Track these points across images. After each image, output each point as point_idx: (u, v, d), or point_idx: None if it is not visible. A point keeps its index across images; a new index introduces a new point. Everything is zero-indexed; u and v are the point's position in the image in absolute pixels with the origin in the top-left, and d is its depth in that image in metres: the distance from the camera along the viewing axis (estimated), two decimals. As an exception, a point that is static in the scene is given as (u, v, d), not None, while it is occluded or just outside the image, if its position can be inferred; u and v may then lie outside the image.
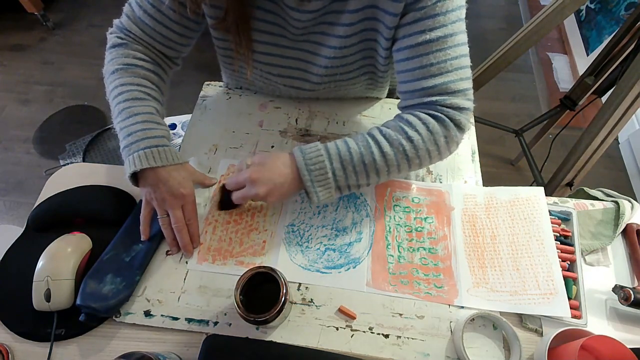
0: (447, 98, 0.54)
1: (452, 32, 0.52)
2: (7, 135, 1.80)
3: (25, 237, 0.63)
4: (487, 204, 0.65)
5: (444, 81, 0.54)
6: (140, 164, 0.56)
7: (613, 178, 1.70)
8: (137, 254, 0.59)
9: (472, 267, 0.60)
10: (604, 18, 1.82)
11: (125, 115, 0.58)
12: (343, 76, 0.68)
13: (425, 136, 0.55)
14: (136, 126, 0.58)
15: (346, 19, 0.56)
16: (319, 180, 0.54)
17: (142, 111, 0.59)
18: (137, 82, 0.61)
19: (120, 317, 0.55)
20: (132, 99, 0.59)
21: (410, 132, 0.55)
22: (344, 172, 0.55)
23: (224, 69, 0.78)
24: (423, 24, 0.52)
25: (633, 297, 0.53)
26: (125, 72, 0.61)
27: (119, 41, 0.63)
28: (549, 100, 1.88)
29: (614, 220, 0.63)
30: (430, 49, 0.53)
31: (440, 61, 0.53)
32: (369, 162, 0.55)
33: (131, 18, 0.62)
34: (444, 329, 0.55)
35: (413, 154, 0.55)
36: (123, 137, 0.58)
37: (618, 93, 0.88)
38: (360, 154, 0.54)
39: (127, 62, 0.61)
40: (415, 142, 0.54)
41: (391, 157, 0.55)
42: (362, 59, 0.65)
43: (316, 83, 0.70)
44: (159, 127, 0.60)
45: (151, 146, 0.57)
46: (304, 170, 0.54)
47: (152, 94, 0.63)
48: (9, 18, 2.20)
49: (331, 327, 0.55)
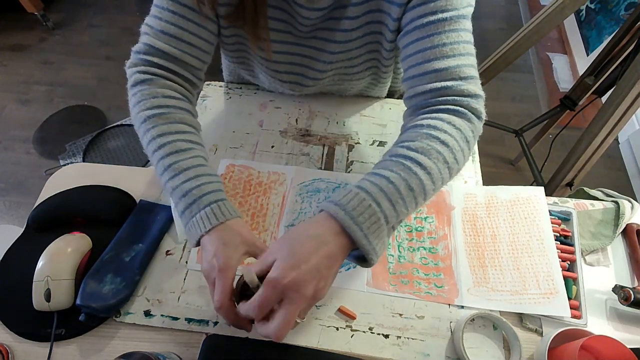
0: (461, 84, 0.50)
1: (464, 15, 0.50)
2: (7, 135, 1.80)
3: (25, 237, 0.63)
4: (487, 203, 0.65)
5: (457, 64, 0.49)
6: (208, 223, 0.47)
7: (613, 178, 1.70)
8: (137, 254, 0.59)
9: (472, 267, 0.60)
10: (604, 18, 1.82)
11: (174, 173, 0.50)
12: (347, 70, 0.68)
13: (457, 136, 0.48)
14: (188, 184, 0.49)
15: (351, 12, 0.56)
16: (374, 231, 0.43)
17: (191, 165, 0.51)
18: (175, 129, 0.52)
19: (120, 317, 0.55)
20: (176, 152, 0.51)
21: (442, 136, 0.47)
22: (394, 209, 0.44)
23: (229, 63, 0.77)
24: (434, 5, 0.49)
25: (633, 297, 0.53)
26: (160, 119, 0.52)
27: (142, 77, 0.54)
28: (549, 100, 1.88)
29: (614, 220, 0.63)
30: (443, 28, 0.49)
31: (453, 42, 0.49)
32: (417, 186, 0.45)
33: (151, 35, 0.54)
34: (444, 329, 0.55)
35: (452, 160, 0.48)
36: (178, 198, 0.50)
37: (618, 93, 0.88)
38: (404, 180, 0.45)
39: (158, 104, 0.53)
40: (451, 145, 0.47)
41: (435, 170, 0.46)
42: (367, 53, 0.64)
43: (315, 79, 0.70)
44: (212, 179, 0.51)
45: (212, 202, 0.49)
46: (354, 227, 0.42)
47: (193, 140, 0.53)
48: (9, 18, 2.20)
49: (331, 327, 0.55)
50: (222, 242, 0.46)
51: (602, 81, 1.13)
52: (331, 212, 0.43)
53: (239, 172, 0.70)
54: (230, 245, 0.47)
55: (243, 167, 0.70)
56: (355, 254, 0.46)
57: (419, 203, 0.47)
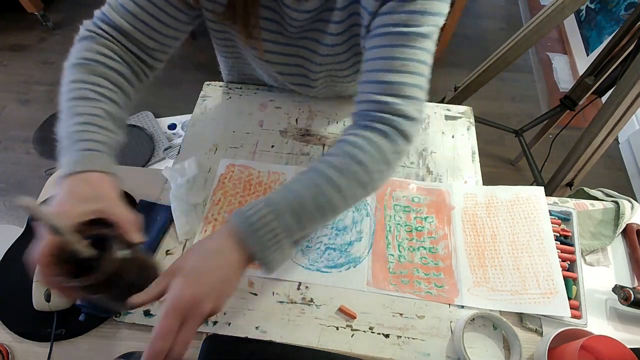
0: (399, 102, 0.49)
1: (424, 34, 0.49)
2: (7, 135, 1.80)
3: (25, 237, 0.63)
4: (487, 203, 0.65)
5: (402, 81, 0.49)
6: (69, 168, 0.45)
7: (613, 178, 1.70)
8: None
9: (472, 267, 0.60)
10: (604, 18, 1.83)
11: (67, 116, 0.49)
12: (337, 73, 0.68)
13: (376, 156, 0.49)
14: (75, 127, 0.48)
15: (336, 16, 0.56)
16: (273, 244, 0.44)
17: (86, 112, 0.49)
18: (91, 80, 0.52)
19: (120, 317, 0.55)
20: (80, 98, 0.50)
21: (360, 155, 0.48)
22: (298, 224, 0.45)
23: (226, 59, 0.78)
24: (398, 17, 0.48)
25: (633, 297, 0.53)
26: (81, 68, 0.52)
27: (86, 34, 0.55)
28: (549, 100, 1.88)
29: (614, 220, 0.63)
30: (399, 41, 0.49)
31: (404, 58, 0.49)
32: (325, 203, 0.47)
33: (112, 5, 0.55)
34: (444, 329, 0.55)
35: (367, 179, 0.49)
36: (61, 140, 0.48)
37: (618, 93, 0.88)
38: (314, 198, 0.46)
39: (88, 56, 0.53)
40: (367, 165, 0.48)
41: (346, 189, 0.47)
42: (354, 56, 0.64)
43: (314, 80, 0.70)
44: (101, 131, 0.49)
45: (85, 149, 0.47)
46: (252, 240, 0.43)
47: (107, 95, 0.52)
48: (9, 18, 2.20)
49: (331, 326, 0.55)
50: (69, 192, 0.44)
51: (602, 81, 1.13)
52: (234, 224, 0.44)
53: (239, 171, 0.70)
54: (76, 197, 0.43)
55: (243, 166, 0.70)
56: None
57: (329, 218, 0.48)
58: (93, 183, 0.45)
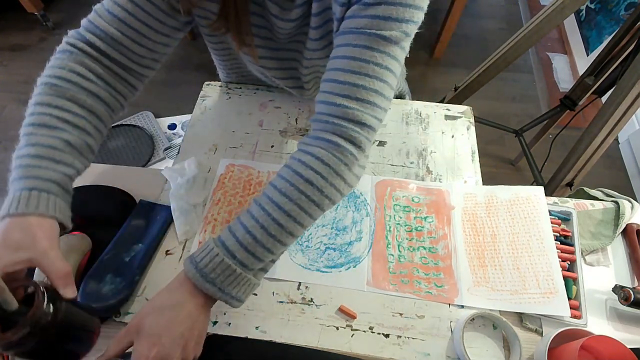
0: (353, 107, 0.47)
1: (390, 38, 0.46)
2: (7, 135, 1.80)
3: (25, 236, 0.62)
4: (487, 202, 0.65)
5: (357, 83, 0.47)
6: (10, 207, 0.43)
7: (613, 178, 1.70)
8: (137, 254, 0.59)
9: (472, 266, 0.60)
10: (604, 18, 1.83)
11: (22, 143, 0.47)
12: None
13: (325, 172, 0.47)
14: (24, 160, 0.46)
15: (314, 22, 0.56)
16: (230, 282, 0.45)
17: (41, 142, 0.46)
18: (57, 103, 0.48)
19: (120, 317, 0.55)
20: (38, 125, 0.47)
21: (307, 173, 0.47)
22: (253, 257, 0.45)
23: (224, 62, 0.78)
24: (360, 20, 0.47)
25: (633, 297, 0.53)
26: (50, 89, 0.49)
27: (65, 47, 0.52)
28: (549, 100, 1.88)
29: (614, 220, 0.63)
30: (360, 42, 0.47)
31: (364, 59, 0.47)
32: (276, 231, 0.46)
33: (98, 12, 0.53)
34: (444, 329, 0.55)
35: (319, 196, 0.47)
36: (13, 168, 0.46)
37: (618, 93, 0.88)
38: (263, 229, 0.45)
39: (58, 74, 0.50)
40: (316, 183, 0.47)
41: (297, 211, 0.46)
42: None
43: (306, 82, 0.71)
44: (53, 165, 0.46)
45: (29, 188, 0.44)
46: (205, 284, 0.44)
47: (71, 121, 0.49)
48: (9, 18, 2.20)
49: (331, 326, 0.55)
50: (3, 236, 0.42)
51: (602, 81, 1.13)
52: (186, 272, 0.45)
53: (239, 171, 0.70)
54: (7, 244, 0.41)
55: (243, 166, 0.70)
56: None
57: (287, 242, 0.48)
58: (28, 229, 0.42)
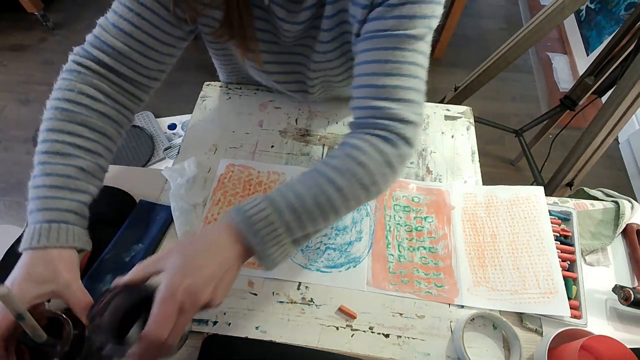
0: (393, 106, 0.48)
1: (416, 35, 0.48)
2: (7, 135, 1.80)
3: (25, 236, 0.62)
4: (487, 202, 0.65)
5: (396, 84, 0.48)
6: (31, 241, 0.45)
7: (613, 178, 1.70)
8: (137, 254, 0.59)
9: (472, 266, 0.60)
10: (604, 18, 1.83)
11: (37, 172, 0.48)
12: (332, 78, 0.69)
13: (378, 159, 0.48)
14: (42, 191, 0.47)
15: (325, 25, 0.56)
16: (271, 239, 0.44)
17: (57, 172, 0.48)
18: (68, 129, 0.49)
19: (120, 316, 0.55)
20: (53, 153, 0.48)
21: (362, 157, 0.48)
22: (298, 222, 0.45)
23: (224, 66, 0.78)
24: (386, 22, 0.48)
25: (633, 297, 0.53)
26: (60, 114, 0.50)
27: (72, 67, 0.53)
28: (549, 100, 1.88)
29: (614, 220, 0.63)
30: (391, 44, 0.48)
31: (397, 61, 0.48)
32: (325, 202, 0.46)
33: (103, 26, 0.53)
34: (444, 329, 0.55)
35: (369, 181, 0.48)
36: (30, 199, 0.47)
37: (618, 93, 0.88)
38: (314, 196, 0.45)
39: (69, 98, 0.51)
40: (368, 167, 0.47)
41: (348, 190, 0.47)
42: (346, 62, 0.64)
43: (312, 86, 0.71)
44: (70, 195, 0.48)
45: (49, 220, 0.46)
46: (250, 234, 0.43)
47: (83, 146, 0.50)
48: (9, 18, 2.20)
49: (331, 326, 0.55)
50: (26, 272, 0.43)
51: (602, 81, 1.13)
52: (232, 218, 0.44)
53: (239, 171, 0.70)
54: (31, 278, 0.43)
55: (243, 167, 0.70)
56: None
57: (330, 219, 0.47)
58: (50, 262, 0.44)
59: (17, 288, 0.42)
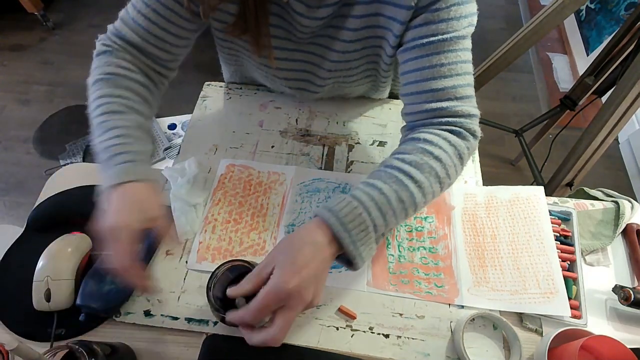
0: (457, 104, 0.51)
1: (464, 35, 0.51)
2: (7, 135, 1.80)
3: (25, 237, 0.63)
4: (487, 203, 0.65)
5: (454, 84, 0.51)
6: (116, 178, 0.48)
7: (613, 178, 1.70)
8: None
9: (472, 267, 0.60)
10: (604, 18, 1.82)
11: (101, 130, 0.52)
12: (345, 79, 0.69)
13: (451, 152, 0.50)
14: (111, 141, 0.50)
15: (351, 24, 0.56)
16: (361, 238, 0.45)
17: (118, 125, 0.52)
18: (117, 93, 0.54)
19: (120, 317, 0.55)
20: (110, 112, 0.53)
21: (436, 151, 0.49)
22: (384, 219, 0.46)
23: (228, 65, 0.78)
24: (436, 27, 0.50)
25: (633, 297, 0.53)
26: (106, 83, 0.55)
27: (103, 49, 0.57)
28: (549, 100, 1.88)
29: (614, 220, 0.63)
30: (442, 48, 0.50)
31: (451, 62, 0.51)
32: (407, 198, 0.47)
33: (124, 20, 0.57)
34: (444, 329, 0.55)
35: (444, 175, 0.50)
36: (99, 154, 0.51)
37: (618, 93, 0.88)
38: (395, 192, 0.47)
39: (109, 71, 0.55)
40: (443, 160, 0.49)
41: (426, 184, 0.48)
42: (366, 64, 0.65)
43: (320, 86, 0.70)
44: (136, 142, 0.52)
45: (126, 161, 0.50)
46: (344, 233, 0.44)
47: (134, 107, 0.55)
48: (9, 18, 2.20)
49: (331, 327, 0.55)
50: (121, 203, 0.47)
51: (602, 81, 1.13)
52: (325, 219, 0.45)
53: (239, 172, 0.70)
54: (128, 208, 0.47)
55: (243, 167, 0.70)
56: (342, 258, 0.48)
57: (409, 214, 0.49)
58: (139, 193, 0.49)
59: (119, 217, 0.46)
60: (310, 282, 0.43)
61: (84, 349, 0.43)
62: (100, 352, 0.44)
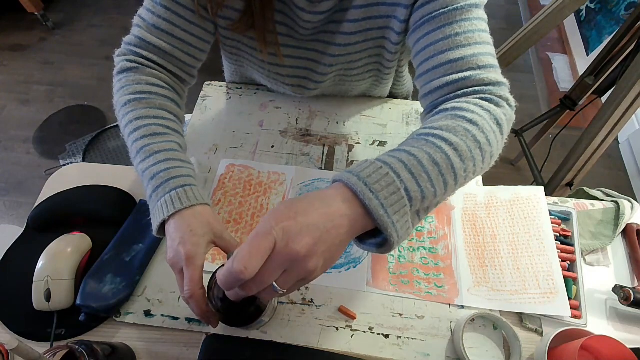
0: (480, 73, 0.46)
1: (476, 4, 0.47)
2: (7, 135, 1.80)
3: (25, 237, 0.63)
4: (487, 203, 0.65)
5: (473, 52, 0.46)
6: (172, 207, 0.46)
7: (613, 178, 1.70)
8: (137, 254, 0.59)
9: (472, 267, 0.60)
10: (604, 18, 1.82)
11: (145, 155, 0.49)
12: (347, 72, 0.68)
13: (486, 116, 0.43)
14: (160, 166, 0.48)
15: (351, 15, 0.56)
16: (393, 203, 0.35)
17: (163, 148, 0.50)
18: (153, 114, 0.52)
19: (121, 317, 0.55)
20: (150, 135, 0.50)
21: (470, 115, 0.42)
22: (417, 183, 0.37)
23: (229, 64, 0.78)
24: (443, 1, 0.47)
25: (633, 297, 0.53)
26: (140, 104, 0.52)
27: (128, 65, 0.55)
28: (549, 100, 1.88)
29: (614, 220, 0.63)
30: (454, 17, 0.47)
31: (466, 31, 0.46)
32: (442, 160, 0.39)
33: (143, 28, 0.55)
34: (444, 329, 0.55)
35: (484, 139, 0.42)
36: (147, 181, 0.49)
37: (618, 93, 0.88)
38: (427, 154, 0.38)
39: (140, 90, 0.53)
40: (480, 124, 0.42)
41: (463, 147, 0.40)
42: (368, 57, 0.64)
43: (318, 82, 0.70)
44: (184, 164, 0.51)
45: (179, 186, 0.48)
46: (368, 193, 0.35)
47: (171, 127, 0.53)
48: (9, 18, 2.20)
49: (331, 327, 0.55)
50: (188, 228, 0.45)
51: (602, 81, 1.13)
52: (343, 180, 0.36)
53: (239, 172, 0.70)
54: (197, 232, 0.45)
55: (243, 167, 0.70)
56: (374, 241, 0.39)
57: (449, 183, 0.39)
58: (201, 216, 0.47)
59: (190, 244, 0.44)
60: (302, 230, 0.33)
61: (84, 349, 0.42)
62: (100, 352, 0.44)
